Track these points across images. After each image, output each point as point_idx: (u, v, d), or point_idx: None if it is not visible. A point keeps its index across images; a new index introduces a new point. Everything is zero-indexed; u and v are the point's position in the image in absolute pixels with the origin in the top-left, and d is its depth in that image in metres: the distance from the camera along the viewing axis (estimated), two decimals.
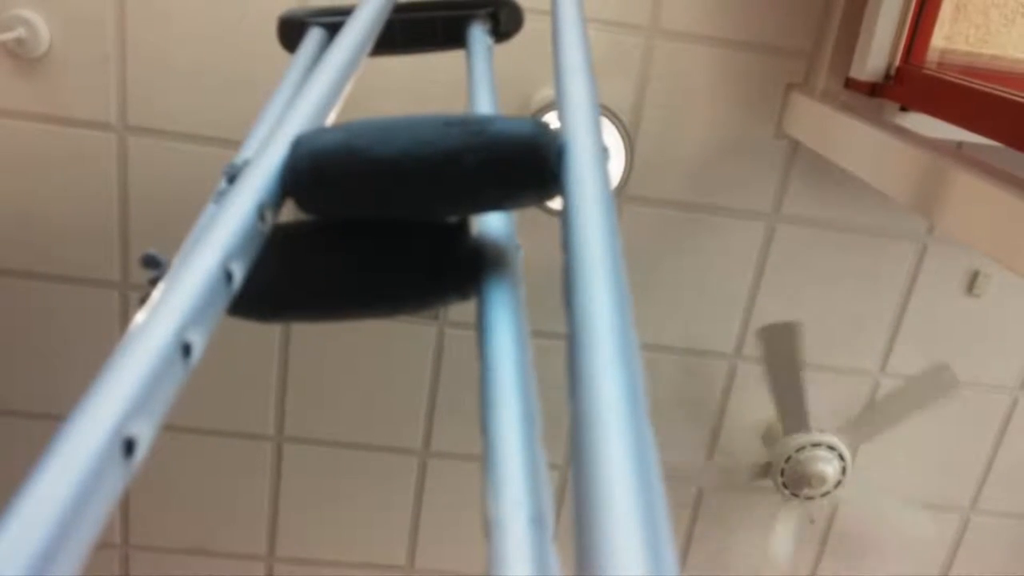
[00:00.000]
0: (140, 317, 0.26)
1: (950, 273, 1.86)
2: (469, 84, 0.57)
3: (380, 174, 0.36)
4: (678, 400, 1.96)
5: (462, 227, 0.40)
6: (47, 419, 1.87)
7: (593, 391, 0.24)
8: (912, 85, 1.46)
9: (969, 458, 2.05)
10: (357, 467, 1.98)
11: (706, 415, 1.98)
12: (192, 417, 1.89)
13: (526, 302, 0.37)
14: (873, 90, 1.52)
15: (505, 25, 0.68)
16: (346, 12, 0.57)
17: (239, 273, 0.31)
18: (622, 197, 1.73)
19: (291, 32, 0.67)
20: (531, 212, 0.47)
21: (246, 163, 0.37)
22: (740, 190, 1.76)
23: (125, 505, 2.01)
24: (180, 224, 0.47)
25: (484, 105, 0.54)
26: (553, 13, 0.51)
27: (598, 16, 1.61)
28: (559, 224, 0.32)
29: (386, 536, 2.07)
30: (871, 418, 1.81)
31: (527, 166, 0.35)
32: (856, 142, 1.39)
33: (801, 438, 1.80)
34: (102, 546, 2.04)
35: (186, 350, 0.26)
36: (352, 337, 1.86)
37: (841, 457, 1.81)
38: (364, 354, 1.88)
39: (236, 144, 0.51)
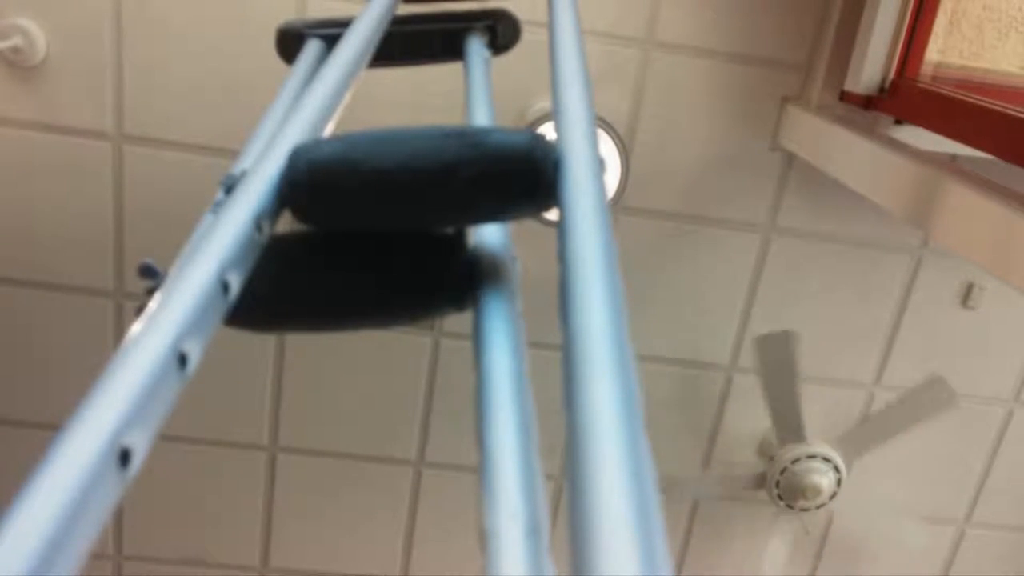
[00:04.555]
0: (136, 327, 0.26)
1: (945, 285, 1.86)
2: (466, 96, 0.58)
3: (377, 186, 0.36)
4: (673, 411, 1.96)
5: (459, 238, 0.40)
6: (42, 428, 1.86)
7: (589, 402, 0.24)
8: (906, 98, 1.47)
9: (964, 470, 2.05)
10: (351, 477, 1.98)
11: (702, 426, 1.98)
12: (186, 426, 1.88)
13: (522, 313, 0.37)
14: (868, 103, 1.53)
15: (503, 38, 0.68)
16: (344, 24, 0.57)
17: (236, 284, 0.31)
18: (618, 209, 1.73)
19: (290, 43, 0.67)
20: (528, 223, 0.48)
21: (243, 174, 0.37)
22: (735, 202, 1.77)
23: (118, 515, 2.00)
24: (176, 233, 0.47)
25: (481, 117, 0.54)
26: (550, 25, 0.51)
27: (594, 28, 1.62)
28: (556, 235, 0.33)
29: (380, 547, 2.06)
30: (866, 432, 1.81)
31: (523, 178, 0.35)
32: (851, 155, 1.40)
33: (796, 450, 1.80)
34: (95, 556, 2.02)
35: (182, 360, 0.26)
36: (347, 347, 1.86)
37: (836, 469, 1.81)
38: (359, 364, 1.88)
39: (233, 154, 0.51)
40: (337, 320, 0.41)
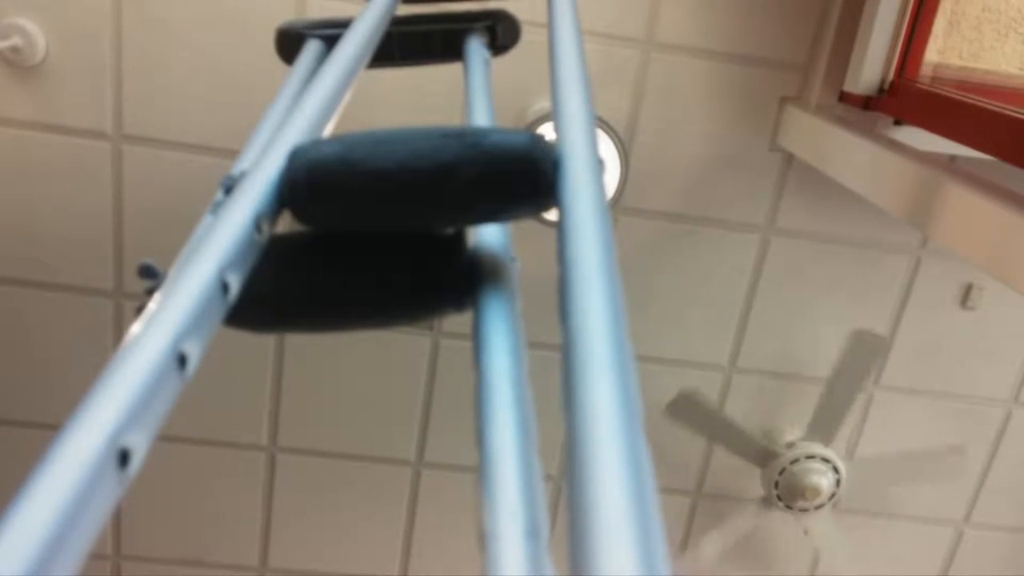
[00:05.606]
0: (136, 328, 0.26)
1: (944, 286, 1.86)
2: (466, 96, 0.58)
3: (376, 186, 0.36)
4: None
5: (458, 239, 0.40)
6: (41, 428, 1.86)
7: (588, 402, 0.24)
8: (906, 99, 1.47)
9: (965, 466, 2.05)
10: (350, 478, 1.98)
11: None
12: (185, 427, 1.88)
13: (522, 313, 0.37)
14: (867, 104, 1.53)
15: (503, 38, 0.68)
16: (344, 24, 0.57)
17: (235, 284, 0.31)
18: (617, 209, 1.73)
19: (289, 44, 0.67)
20: (527, 223, 0.48)
21: (243, 174, 0.37)
22: (735, 202, 1.77)
23: (117, 515, 2.00)
24: (175, 234, 0.48)
25: (481, 117, 0.54)
26: (550, 26, 0.51)
27: (594, 29, 1.62)
28: (555, 235, 0.33)
29: (379, 547, 2.06)
30: (827, 411, 1.80)
31: (523, 178, 0.35)
32: (850, 155, 1.40)
33: (796, 450, 1.80)
34: (94, 556, 2.02)
35: (182, 361, 0.26)
36: (346, 347, 1.86)
37: (835, 470, 1.81)
38: (358, 364, 1.87)
39: (232, 154, 0.51)
40: (337, 320, 0.41)
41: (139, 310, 0.29)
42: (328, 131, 0.44)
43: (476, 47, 0.66)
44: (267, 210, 0.35)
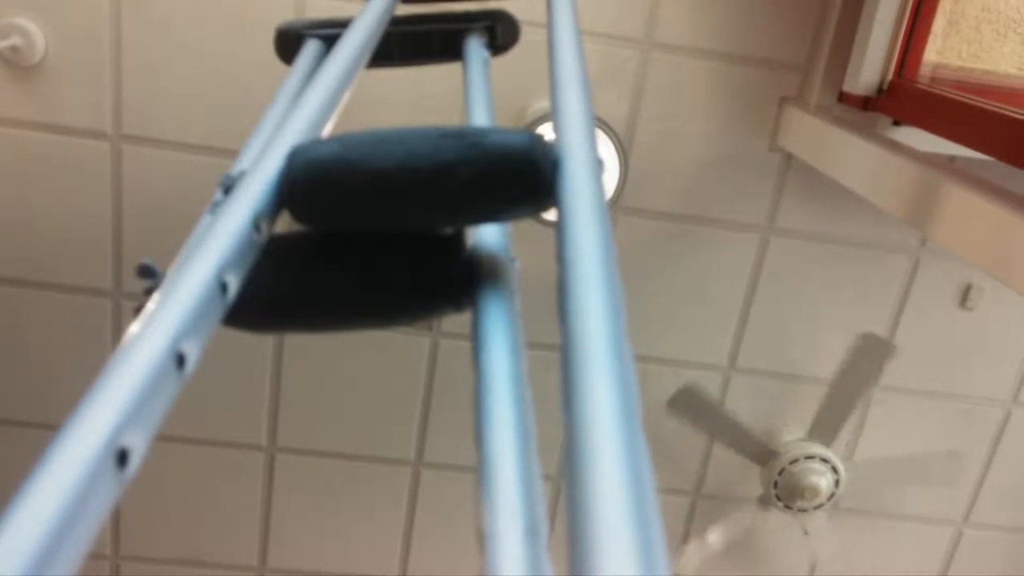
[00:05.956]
0: (134, 327, 0.26)
1: (943, 286, 1.86)
2: (465, 96, 0.58)
3: (375, 186, 0.36)
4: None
5: (457, 239, 0.40)
6: (40, 428, 1.86)
7: (587, 402, 0.24)
8: (905, 99, 1.47)
9: (962, 471, 2.05)
10: (350, 477, 1.98)
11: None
12: (184, 426, 1.88)
13: (521, 313, 0.37)
14: (866, 104, 1.53)
15: (502, 38, 0.68)
16: (343, 24, 0.57)
17: (234, 284, 0.31)
18: (616, 209, 1.73)
19: (288, 44, 0.67)
20: (526, 224, 0.48)
21: (242, 174, 0.37)
22: (734, 202, 1.77)
23: (116, 515, 2.00)
24: (174, 233, 0.47)
25: (480, 117, 0.54)
26: (549, 26, 0.51)
27: (593, 29, 1.62)
28: (554, 235, 0.33)
29: (379, 547, 2.06)
30: (830, 413, 1.80)
31: (522, 178, 0.35)
32: (849, 155, 1.40)
33: (795, 450, 1.80)
34: (93, 556, 2.02)
35: (180, 360, 0.26)
36: (346, 347, 1.86)
37: (834, 470, 1.81)
38: (358, 364, 1.87)
39: (232, 154, 0.51)
40: (335, 320, 0.41)
41: (138, 310, 0.29)
42: (327, 131, 0.44)
43: (475, 47, 0.66)
44: (266, 210, 0.35)
